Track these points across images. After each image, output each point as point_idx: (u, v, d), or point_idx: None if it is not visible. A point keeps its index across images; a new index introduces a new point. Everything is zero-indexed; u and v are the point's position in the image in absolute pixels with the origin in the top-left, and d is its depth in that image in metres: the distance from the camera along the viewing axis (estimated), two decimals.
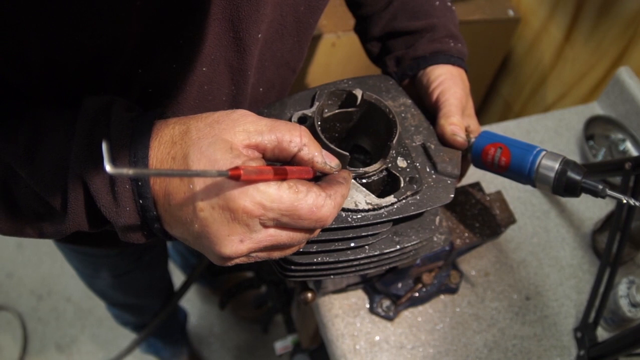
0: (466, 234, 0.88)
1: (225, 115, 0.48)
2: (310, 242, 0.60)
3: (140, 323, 1.62)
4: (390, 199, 0.61)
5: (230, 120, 0.47)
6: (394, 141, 0.61)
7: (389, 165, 0.63)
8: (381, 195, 0.62)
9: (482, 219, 0.90)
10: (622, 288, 0.99)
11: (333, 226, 0.59)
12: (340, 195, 0.50)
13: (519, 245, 1.11)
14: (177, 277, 2.07)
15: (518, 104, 1.93)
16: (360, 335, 0.92)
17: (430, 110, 0.75)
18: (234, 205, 0.44)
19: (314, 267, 0.63)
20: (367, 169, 0.62)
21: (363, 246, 0.63)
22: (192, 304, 2.25)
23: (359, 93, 0.65)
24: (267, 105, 0.69)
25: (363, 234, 0.61)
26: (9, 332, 2.14)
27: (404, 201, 0.62)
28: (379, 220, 0.61)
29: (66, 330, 2.17)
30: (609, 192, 0.63)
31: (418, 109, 0.73)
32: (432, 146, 0.69)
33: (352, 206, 0.59)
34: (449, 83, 0.74)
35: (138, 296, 1.43)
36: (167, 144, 0.47)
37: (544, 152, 0.66)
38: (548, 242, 1.13)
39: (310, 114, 0.66)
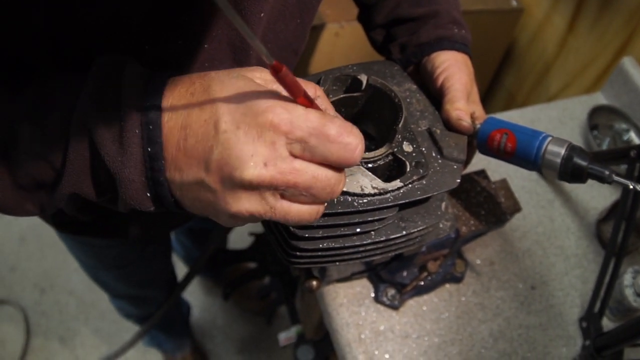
0: (472, 222, 0.88)
1: (245, 69, 0.48)
2: (315, 227, 0.60)
3: (144, 315, 1.61)
4: (397, 183, 0.61)
5: (249, 69, 0.47)
6: (400, 125, 0.60)
7: (395, 149, 0.63)
8: (387, 180, 0.61)
9: (487, 206, 0.90)
10: (627, 278, 0.99)
11: (339, 210, 0.58)
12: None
13: (524, 234, 1.10)
14: (180, 269, 2.07)
15: (521, 95, 1.93)
16: (365, 324, 0.92)
17: (436, 96, 0.74)
18: (261, 120, 0.42)
19: (320, 253, 0.63)
20: (373, 153, 0.61)
21: (369, 232, 0.63)
22: (195, 296, 2.25)
23: (364, 78, 0.64)
24: None
25: (369, 219, 0.61)
26: (12, 325, 2.14)
27: (410, 186, 0.62)
28: (385, 205, 0.60)
29: (69, 323, 2.17)
30: (616, 177, 0.62)
31: (423, 94, 0.73)
32: (438, 131, 0.68)
33: (358, 190, 0.59)
34: (453, 69, 0.73)
35: (141, 287, 1.43)
36: (184, 83, 0.46)
37: (550, 138, 0.65)
38: (553, 232, 1.12)
39: None
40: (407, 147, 0.64)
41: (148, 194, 0.47)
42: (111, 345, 2.13)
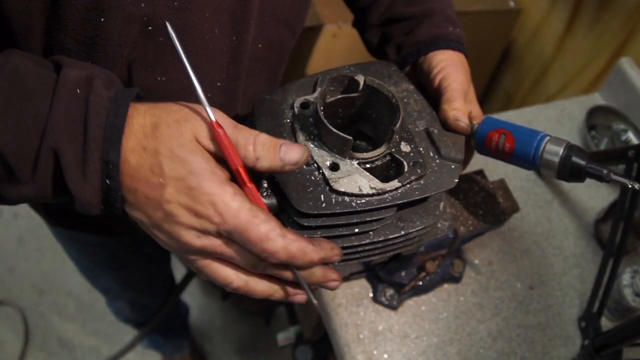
0: (470, 222, 0.88)
1: (192, 114, 0.52)
2: (313, 227, 0.60)
3: (142, 319, 1.61)
4: (395, 183, 0.60)
5: (196, 120, 0.51)
6: (398, 125, 0.60)
7: (393, 150, 0.63)
8: (385, 180, 0.61)
9: (485, 206, 0.90)
10: (626, 277, 0.99)
11: (337, 211, 0.58)
12: (297, 246, 0.51)
13: (522, 234, 1.10)
14: (179, 269, 2.07)
15: (519, 95, 1.93)
16: (363, 325, 0.92)
17: (433, 96, 0.74)
18: (200, 208, 0.49)
19: None
20: (370, 153, 0.61)
21: (367, 232, 0.63)
22: (194, 297, 2.25)
23: (360, 79, 0.64)
24: (269, 92, 0.68)
25: (367, 219, 0.61)
26: (11, 327, 2.14)
27: (408, 186, 0.62)
28: (383, 205, 0.60)
29: (68, 324, 2.17)
30: (614, 176, 0.62)
31: (420, 95, 0.72)
32: (436, 131, 0.68)
33: (355, 191, 0.59)
34: (450, 69, 0.73)
35: (139, 290, 1.42)
36: (139, 134, 0.50)
37: (548, 138, 0.65)
38: (551, 232, 1.12)
39: (312, 100, 0.65)
40: (405, 147, 0.64)
41: (100, 209, 0.53)
42: (110, 347, 2.13)
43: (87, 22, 0.54)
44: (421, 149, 0.65)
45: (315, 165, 0.60)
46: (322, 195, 0.58)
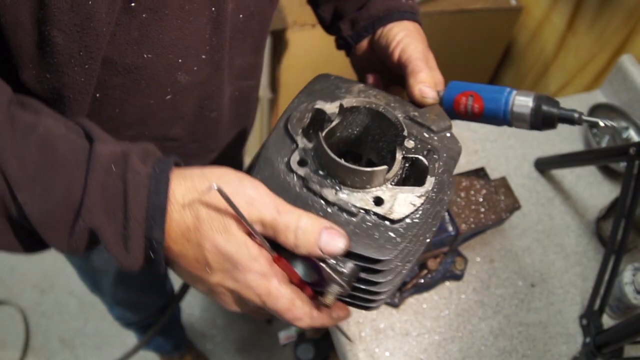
0: (471, 219, 0.88)
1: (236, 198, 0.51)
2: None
3: (144, 322, 1.60)
4: (430, 180, 0.59)
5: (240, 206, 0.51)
6: (405, 131, 0.60)
7: (404, 152, 0.62)
8: (404, 182, 0.60)
9: (486, 204, 0.89)
10: (627, 275, 0.99)
11: (409, 235, 0.57)
12: (319, 322, 0.56)
13: (523, 232, 1.10)
14: None
15: None
16: (365, 322, 0.92)
17: (396, 70, 0.73)
18: (244, 294, 0.53)
19: None
20: (395, 168, 0.59)
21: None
22: (195, 296, 2.25)
23: (325, 106, 0.62)
24: (256, 170, 0.60)
25: (433, 229, 0.59)
26: (12, 326, 2.14)
27: (438, 174, 0.61)
28: (434, 205, 0.59)
29: (69, 324, 2.17)
30: (585, 117, 0.62)
31: (375, 88, 0.71)
32: (416, 113, 0.66)
33: (412, 209, 0.57)
34: (408, 39, 0.73)
35: (140, 291, 1.42)
36: (180, 224, 0.50)
37: (515, 92, 0.65)
38: (553, 229, 1.12)
39: (305, 153, 0.61)
40: (409, 144, 0.63)
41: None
42: (111, 346, 2.13)
43: (76, 7, 0.53)
44: (419, 137, 0.65)
45: (362, 210, 0.56)
46: (390, 232, 0.56)
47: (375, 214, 0.56)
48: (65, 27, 0.53)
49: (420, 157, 0.60)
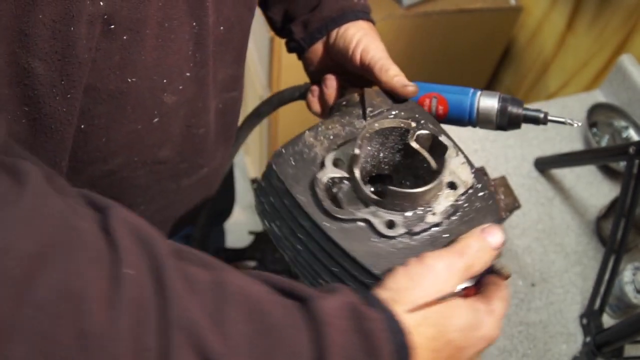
0: None
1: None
2: None
3: None
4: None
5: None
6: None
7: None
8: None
9: None
10: (627, 274, 0.99)
11: None
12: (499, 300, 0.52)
13: (523, 231, 1.10)
14: None
15: (521, 93, 1.92)
16: None
17: (358, 72, 0.72)
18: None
19: None
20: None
21: None
22: None
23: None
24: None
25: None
26: None
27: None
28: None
29: None
30: (550, 117, 0.62)
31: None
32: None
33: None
34: (367, 39, 0.72)
35: None
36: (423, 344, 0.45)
37: (479, 93, 0.65)
38: (553, 229, 1.12)
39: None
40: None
41: None
42: None
43: (57, 35, 0.50)
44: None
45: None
46: None
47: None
48: (46, 56, 0.50)
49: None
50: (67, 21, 0.50)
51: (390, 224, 0.55)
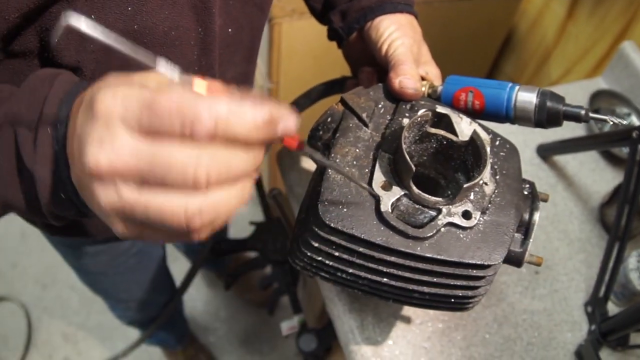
0: None
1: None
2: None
3: (146, 319, 1.60)
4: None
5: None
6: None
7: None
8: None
9: None
10: (632, 261, 0.98)
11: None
12: (226, 105, 0.35)
13: None
14: (183, 264, 2.07)
15: (522, 81, 1.91)
16: (367, 311, 0.91)
17: (383, 66, 0.70)
18: (94, 104, 0.37)
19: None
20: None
21: None
22: (198, 289, 2.25)
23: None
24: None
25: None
26: (14, 321, 2.14)
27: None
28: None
29: (71, 318, 2.17)
30: (592, 114, 0.60)
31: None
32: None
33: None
34: (397, 34, 0.70)
35: (142, 291, 1.42)
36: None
37: (517, 87, 0.63)
38: (556, 216, 1.11)
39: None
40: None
41: (62, 195, 0.47)
42: (113, 340, 2.13)
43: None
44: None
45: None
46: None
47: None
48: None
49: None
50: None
51: (467, 215, 0.56)
